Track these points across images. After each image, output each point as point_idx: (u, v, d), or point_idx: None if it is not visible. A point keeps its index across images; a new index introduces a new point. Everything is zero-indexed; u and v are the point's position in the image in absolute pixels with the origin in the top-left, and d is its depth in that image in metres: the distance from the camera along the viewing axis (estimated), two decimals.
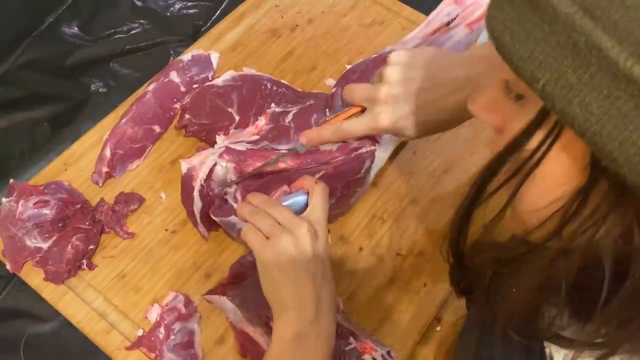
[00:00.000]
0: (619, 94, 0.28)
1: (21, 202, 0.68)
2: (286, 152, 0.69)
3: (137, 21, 0.93)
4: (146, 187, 0.75)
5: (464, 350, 0.55)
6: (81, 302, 0.67)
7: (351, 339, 0.62)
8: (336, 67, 0.86)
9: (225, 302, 0.63)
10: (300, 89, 0.81)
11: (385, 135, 0.72)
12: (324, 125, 0.67)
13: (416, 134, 0.62)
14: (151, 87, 0.79)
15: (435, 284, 0.68)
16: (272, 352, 0.54)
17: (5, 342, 0.69)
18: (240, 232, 0.62)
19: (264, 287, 0.57)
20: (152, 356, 0.63)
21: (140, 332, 0.65)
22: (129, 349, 0.64)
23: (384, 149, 0.72)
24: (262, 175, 0.69)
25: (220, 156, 0.69)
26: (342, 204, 0.70)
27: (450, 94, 0.58)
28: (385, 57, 0.79)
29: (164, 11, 0.94)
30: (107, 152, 0.73)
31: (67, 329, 0.68)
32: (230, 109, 0.76)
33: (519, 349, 0.43)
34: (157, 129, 0.78)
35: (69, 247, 0.67)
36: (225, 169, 0.69)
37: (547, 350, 0.41)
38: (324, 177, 0.67)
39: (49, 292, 0.67)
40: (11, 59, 0.89)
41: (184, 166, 0.70)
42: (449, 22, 0.83)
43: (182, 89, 0.80)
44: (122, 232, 0.71)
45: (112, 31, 0.92)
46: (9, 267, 0.68)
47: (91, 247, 0.69)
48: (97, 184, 0.74)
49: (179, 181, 0.72)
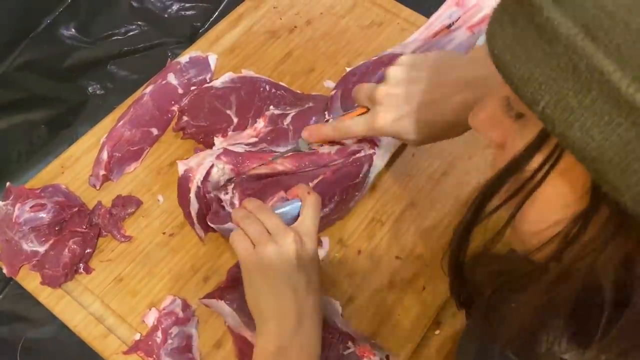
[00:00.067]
0: (620, 120, 0.26)
1: (18, 205, 0.68)
2: (289, 150, 0.69)
3: (134, 23, 0.92)
4: (144, 190, 0.74)
5: (463, 359, 0.55)
6: (78, 306, 0.66)
7: (349, 344, 0.62)
8: (335, 68, 0.86)
9: (223, 306, 0.63)
10: (299, 91, 0.81)
11: (385, 138, 0.71)
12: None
13: (418, 136, 0.59)
14: (148, 89, 0.78)
15: (434, 288, 0.68)
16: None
17: (2, 346, 0.69)
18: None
19: (247, 296, 0.57)
20: None
21: (137, 337, 0.64)
22: (126, 353, 0.63)
23: (383, 152, 0.72)
24: (260, 179, 0.69)
25: (217, 158, 0.69)
26: (340, 209, 0.70)
27: (452, 95, 0.56)
28: (385, 59, 0.79)
29: (161, 13, 0.94)
30: (104, 155, 0.73)
31: (65, 333, 0.67)
32: (228, 111, 0.76)
33: None
34: (154, 131, 0.77)
35: (66, 250, 0.67)
36: (222, 170, 0.68)
37: None
38: (322, 182, 0.67)
39: (46, 296, 0.67)
40: (8, 60, 0.89)
41: (181, 167, 0.69)
42: (450, 25, 0.83)
43: (180, 91, 0.80)
44: (119, 236, 0.70)
45: (110, 33, 0.92)
46: (5, 271, 0.68)
47: (88, 250, 0.68)
48: (94, 186, 0.74)
49: (176, 184, 0.71)
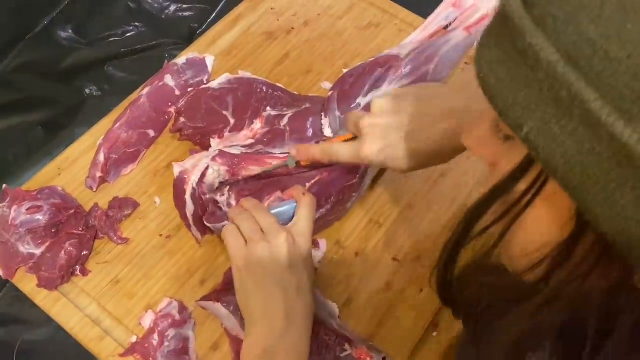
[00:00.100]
0: (601, 149, 0.26)
1: (14, 207, 0.68)
2: (278, 165, 0.68)
3: (132, 24, 0.92)
4: (140, 192, 0.74)
5: None
6: (75, 309, 0.66)
7: (346, 346, 0.62)
8: (332, 70, 0.85)
9: (219, 308, 0.63)
10: (296, 92, 0.81)
11: None
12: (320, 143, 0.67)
13: (404, 165, 0.59)
14: (145, 90, 0.78)
15: (431, 289, 0.67)
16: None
17: None
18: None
19: (237, 294, 0.57)
20: None
21: (134, 339, 0.64)
22: (122, 355, 0.63)
23: None
24: (255, 179, 0.69)
25: (213, 159, 0.68)
26: (337, 210, 0.70)
27: (435, 123, 0.56)
28: (382, 60, 0.78)
29: (159, 14, 0.94)
30: (101, 157, 0.73)
31: (61, 336, 0.67)
32: (225, 112, 0.76)
33: None
34: (151, 133, 0.77)
35: (62, 253, 0.67)
36: (217, 172, 0.68)
37: None
38: (318, 183, 0.67)
39: (42, 299, 0.67)
40: (5, 62, 0.89)
41: (177, 169, 0.69)
42: (447, 26, 0.83)
43: (177, 93, 0.79)
44: (116, 238, 0.70)
45: (107, 34, 0.92)
46: (1, 273, 0.68)
47: (85, 252, 0.68)
48: (91, 188, 0.74)
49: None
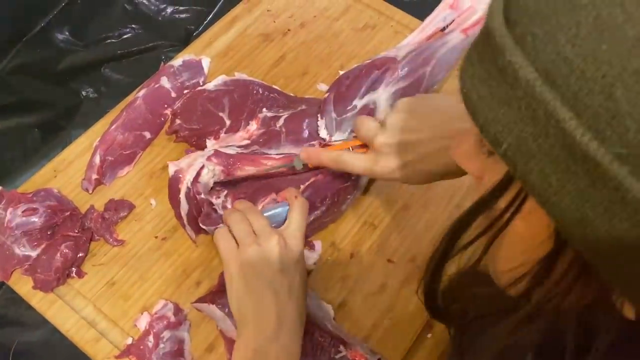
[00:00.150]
0: (575, 168, 0.26)
1: (9, 210, 0.68)
2: (283, 165, 0.68)
3: (128, 26, 0.93)
4: (136, 193, 0.74)
5: None
6: (70, 311, 0.66)
7: (341, 347, 0.62)
8: (328, 71, 0.86)
9: (214, 310, 0.63)
10: (292, 94, 0.81)
11: None
12: (329, 148, 0.67)
13: (418, 182, 0.59)
14: (141, 92, 0.78)
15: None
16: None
17: None
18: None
19: (229, 297, 0.57)
20: None
21: (129, 341, 0.64)
22: (118, 357, 0.63)
23: None
24: (250, 180, 0.69)
25: (208, 159, 0.68)
26: (332, 211, 0.70)
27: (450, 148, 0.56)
28: (378, 62, 0.78)
29: (155, 16, 0.94)
30: (97, 159, 0.73)
31: (57, 337, 0.67)
32: (221, 114, 0.76)
33: None
34: (147, 135, 0.77)
35: (58, 255, 0.67)
36: (212, 172, 0.68)
37: None
38: (313, 185, 0.67)
39: (38, 301, 0.67)
40: (2, 64, 0.89)
41: (172, 168, 0.69)
42: (444, 28, 0.82)
43: (173, 95, 0.79)
44: (111, 240, 0.70)
45: (104, 36, 0.92)
46: None
47: (80, 254, 0.68)
48: (87, 190, 0.74)
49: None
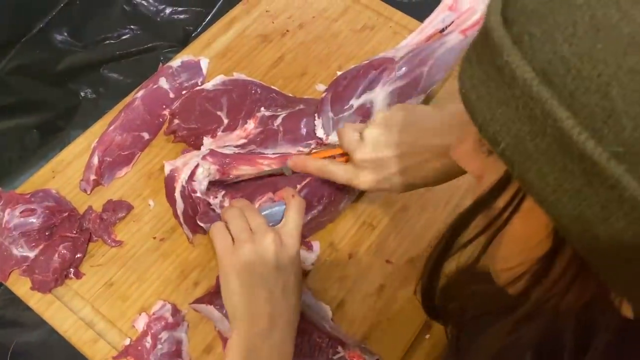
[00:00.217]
0: (572, 168, 0.26)
1: (7, 210, 0.68)
2: (273, 170, 0.68)
3: (127, 27, 0.93)
4: (134, 194, 0.74)
5: None
6: (68, 312, 0.66)
7: (339, 348, 0.62)
8: (327, 72, 0.86)
9: (212, 311, 0.63)
10: (290, 95, 0.81)
11: None
12: (313, 155, 0.68)
13: (399, 193, 0.61)
14: (140, 93, 0.78)
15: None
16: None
17: None
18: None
19: (223, 294, 0.57)
20: None
21: (127, 341, 0.64)
22: (115, 358, 0.63)
23: None
24: (250, 180, 0.69)
25: (203, 158, 0.68)
26: (330, 211, 0.70)
27: (428, 161, 0.56)
28: (376, 63, 0.78)
29: (154, 17, 0.94)
30: (95, 160, 0.73)
31: (55, 338, 0.67)
32: (219, 113, 0.76)
33: None
34: (145, 135, 0.77)
35: (56, 255, 0.67)
36: (207, 171, 0.68)
37: None
38: (310, 184, 0.67)
39: (36, 301, 0.67)
40: (0, 64, 0.89)
41: (167, 167, 0.69)
42: (443, 29, 0.82)
43: (171, 95, 0.79)
44: (110, 240, 0.70)
45: (102, 37, 0.92)
46: None
47: (78, 255, 0.68)
48: (85, 191, 0.74)
49: None
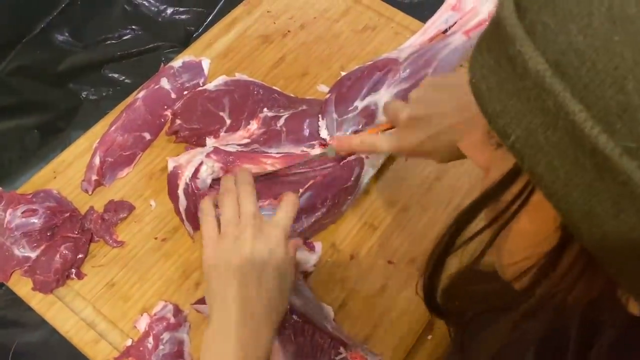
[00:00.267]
0: (584, 162, 0.25)
1: (9, 211, 0.68)
2: (317, 155, 0.69)
3: (128, 27, 0.93)
4: (136, 194, 0.74)
5: None
6: (70, 312, 0.66)
7: (341, 349, 0.62)
8: (328, 72, 0.85)
9: None
10: (292, 95, 0.81)
11: None
12: (359, 134, 0.67)
13: (442, 157, 0.58)
14: (141, 94, 0.78)
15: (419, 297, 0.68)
16: (201, 350, 0.54)
17: None
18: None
19: (205, 280, 0.58)
20: None
21: (129, 342, 0.64)
22: (117, 359, 0.63)
23: (376, 157, 0.72)
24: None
25: (207, 156, 0.68)
26: (332, 213, 0.70)
27: (474, 119, 0.56)
28: (380, 64, 0.78)
29: (155, 17, 0.94)
30: (97, 160, 0.73)
31: (56, 338, 0.67)
32: (221, 113, 0.76)
33: None
34: (147, 136, 0.77)
35: (58, 256, 0.67)
36: (211, 168, 0.68)
37: None
38: (313, 186, 0.67)
39: (37, 302, 0.67)
40: (1, 65, 0.89)
41: (171, 164, 0.69)
42: (446, 30, 0.83)
43: (173, 96, 0.79)
44: (111, 241, 0.70)
45: (103, 37, 0.92)
46: None
47: (80, 256, 0.68)
48: (86, 192, 0.74)
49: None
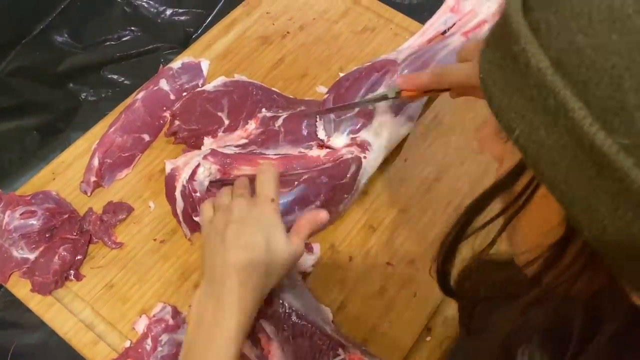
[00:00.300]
0: (583, 158, 0.26)
1: (7, 212, 0.68)
2: (375, 96, 0.69)
3: (127, 28, 0.93)
4: (135, 196, 0.74)
5: None
6: (68, 314, 0.66)
7: (340, 350, 0.61)
8: (328, 74, 0.85)
9: None
10: (291, 96, 0.81)
11: (375, 143, 0.71)
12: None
13: None
14: (140, 95, 0.78)
15: (425, 294, 0.68)
16: (191, 314, 0.54)
17: None
18: None
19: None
20: None
21: (127, 344, 0.64)
22: None
23: (374, 158, 0.72)
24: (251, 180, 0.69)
25: (204, 158, 0.68)
26: (330, 211, 0.69)
27: None
28: (378, 65, 0.78)
29: (154, 18, 0.94)
30: (96, 161, 0.73)
31: (55, 340, 0.67)
32: (220, 114, 0.76)
33: None
34: (146, 137, 0.77)
35: (56, 257, 0.67)
36: (208, 170, 0.68)
37: None
38: (308, 180, 0.67)
39: (36, 303, 0.67)
40: (1, 66, 0.89)
41: (168, 166, 0.69)
42: (445, 31, 0.83)
43: (172, 97, 0.79)
44: (110, 242, 0.70)
45: (103, 38, 0.92)
46: None
47: (79, 257, 0.68)
48: (85, 193, 0.74)
49: None
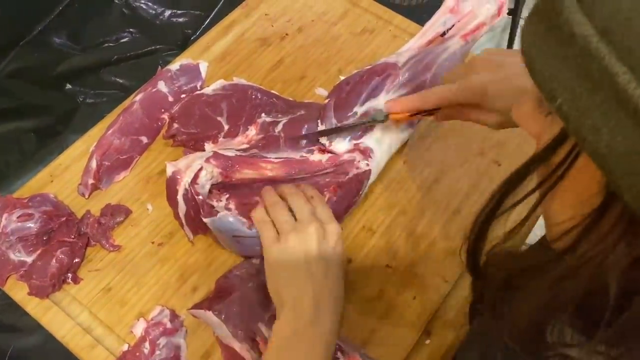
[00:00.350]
0: (626, 122, 0.27)
1: (5, 215, 0.67)
2: (365, 121, 0.70)
3: (126, 30, 0.93)
4: (133, 198, 0.74)
5: None
6: (66, 317, 0.66)
7: (339, 354, 0.61)
8: (326, 76, 0.85)
9: (211, 316, 0.62)
10: (290, 98, 0.80)
11: (377, 150, 0.71)
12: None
13: (506, 104, 0.56)
14: (138, 97, 0.78)
15: (424, 297, 0.68)
16: (269, 350, 0.55)
17: None
18: (235, 236, 0.65)
19: (268, 284, 0.59)
20: None
21: (125, 347, 0.64)
22: None
23: (377, 163, 0.71)
24: (248, 184, 0.69)
25: (207, 161, 0.68)
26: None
27: None
28: (379, 68, 0.78)
29: (153, 20, 0.94)
30: (93, 164, 0.72)
31: (52, 343, 0.67)
32: (219, 118, 0.76)
33: None
34: (144, 139, 0.77)
35: (54, 260, 0.66)
36: (210, 173, 0.67)
37: None
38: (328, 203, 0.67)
39: (33, 307, 0.67)
40: None
41: (169, 169, 0.68)
42: (444, 33, 0.82)
43: (170, 99, 0.79)
44: (108, 245, 0.70)
45: (101, 40, 0.92)
46: None
47: (76, 260, 0.68)
48: (83, 195, 0.73)
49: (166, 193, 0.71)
